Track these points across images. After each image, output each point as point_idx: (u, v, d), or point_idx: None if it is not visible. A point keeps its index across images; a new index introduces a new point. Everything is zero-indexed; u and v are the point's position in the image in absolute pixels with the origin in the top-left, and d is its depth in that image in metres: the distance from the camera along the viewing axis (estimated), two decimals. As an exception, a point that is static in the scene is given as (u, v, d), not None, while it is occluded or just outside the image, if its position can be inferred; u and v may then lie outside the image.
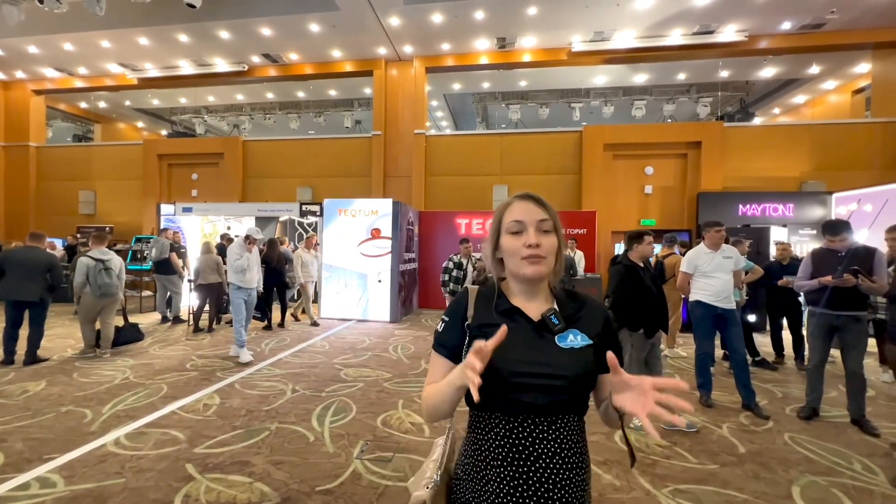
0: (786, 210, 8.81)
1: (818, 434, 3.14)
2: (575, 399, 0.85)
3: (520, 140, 10.34)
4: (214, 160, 11.53)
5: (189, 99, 13.94)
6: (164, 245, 7.12)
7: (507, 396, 0.85)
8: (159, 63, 10.97)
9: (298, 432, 3.03)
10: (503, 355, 0.83)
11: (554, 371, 0.84)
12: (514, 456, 0.83)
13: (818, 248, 3.51)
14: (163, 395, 3.70)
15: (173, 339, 5.91)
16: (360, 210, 7.70)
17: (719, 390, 4.02)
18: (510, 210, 0.92)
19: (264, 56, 10.46)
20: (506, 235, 0.91)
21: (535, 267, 0.87)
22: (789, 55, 9.80)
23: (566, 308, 0.92)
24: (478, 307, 0.94)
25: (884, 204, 7.54)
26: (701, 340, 3.72)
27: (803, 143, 9.29)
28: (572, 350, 0.86)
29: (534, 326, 0.89)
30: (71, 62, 11.02)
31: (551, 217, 0.90)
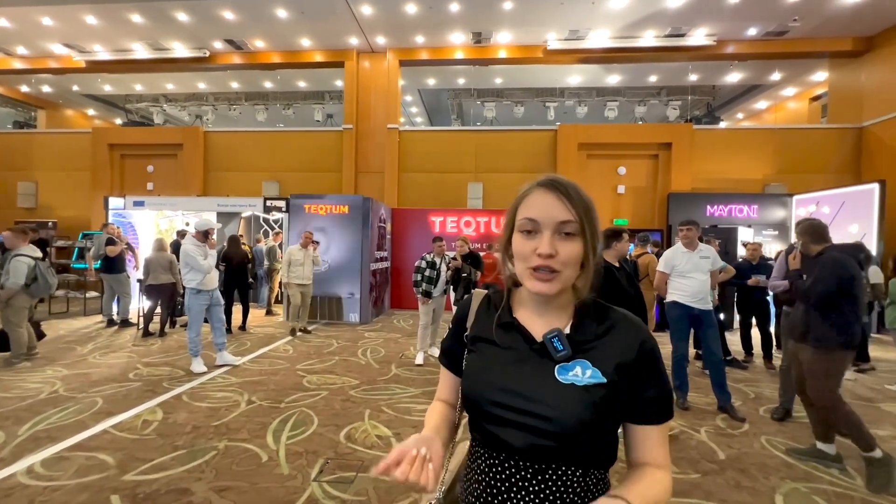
0: (750, 211, 9.07)
1: (793, 436, 3.11)
2: (570, 449, 0.65)
3: (495, 138, 10.20)
4: (172, 151, 10.79)
5: (145, 86, 13.04)
6: (100, 241, 6.54)
7: (485, 427, 0.71)
8: (110, 45, 10.14)
9: (250, 451, 2.71)
10: (486, 379, 0.71)
11: (539, 410, 0.66)
12: (488, 498, 0.69)
13: (791, 250, 3.49)
14: (95, 411, 3.28)
15: (118, 346, 5.39)
16: (330, 206, 7.33)
17: (694, 391, 3.97)
18: (527, 202, 0.71)
19: (227, 42, 9.86)
20: (518, 233, 0.71)
21: (542, 285, 0.67)
22: (753, 61, 10.12)
23: (585, 329, 0.71)
24: (479, 316, 0.80)
25: (840, 206, 7.87)
26: (677, 342, 3.65)
27: (766, 146, 9.61)
28: (572, 387, 0.66)
29: (532, 349, 0.71)
30: (8, 40, 10.03)
31: (579, 216, 0.67)
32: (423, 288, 4.99)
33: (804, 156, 9.47)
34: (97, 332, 6.18)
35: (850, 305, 2.58)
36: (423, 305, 4.97)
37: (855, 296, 2.57)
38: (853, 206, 7.63)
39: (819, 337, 2.59)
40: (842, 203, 7.83)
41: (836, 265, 2.58)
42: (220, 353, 4.53)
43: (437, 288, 5.05)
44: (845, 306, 2.57)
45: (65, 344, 5.41)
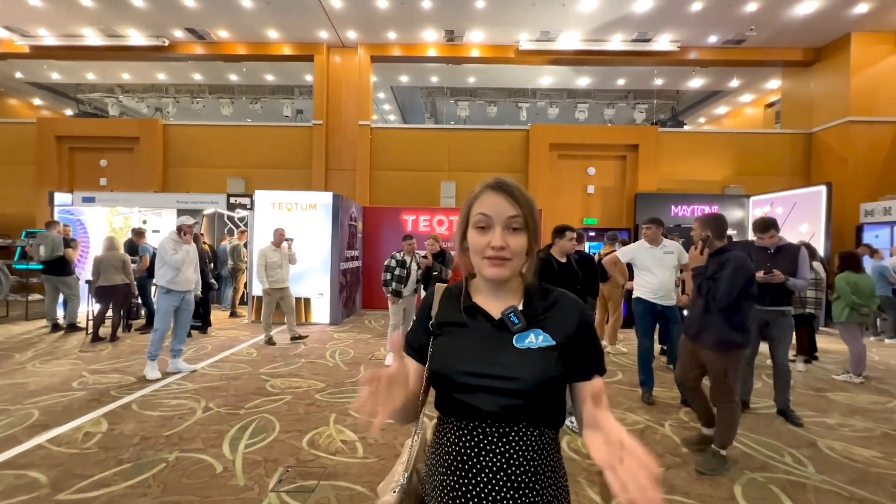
0: (711, 211, 9.44)
1: (750, 427, 3.22)
2: (533, 406, 0.77)
3: (468, 136, 10.19)
4: (128, 145, 10.19)
5: (98, 75, 12.25)
6: (56, 241, 6.07)
7: (457, 399, 0.79)
8: (57, 30, 9.46)
9: (203, 462, 2.55)
10: (456, 355, 0.81)
11: (506, 373, 0.77)
12: (458, 465, 0.78)
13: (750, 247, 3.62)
14: (30, 424, 3.01)
15: (63, 352, 5.00)
16: (297, 203, 7.09)
17: (659, 386, 4.05)
18: (479, 201, 0.82)
19: (188, 31, 9.39)
20: (472, 229, 0.82)
21: (497, 270, 0.79)
22: (714, 68, 10.55)
23: (534, 306, 0.84)
24: (442, 305, 0.90)
25: (792, 207, 8.31)
26: (642, 337, 3.72)
27: (726, 150, 10.05)
28: (529, 351, 0.78)
29: (493, 325, 0.82)
30: (-63, 20, 9.17)
31: (524, 213, 0.80)
32: (392, 287, 4.88)
33: (760, 159, 9.96)
34: (40, 337, 5.72)
35: (749, 304, 2.54)
36: (392, 305, 4.87)
37: (753, 295, 2.54)
38: (803, 207, 8.08)
39: (722, 339, 2.51)
40: (794, 204, 8.28)
41: (738, 264, 2.48)
42: (174, 360, 4.27)
43: (408, 287, 4.96)
44: (744, 305, 2.51)
45: (2, 351, 4.97)
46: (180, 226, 4.17)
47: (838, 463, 2.69)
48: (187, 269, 4.13)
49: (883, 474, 2.56)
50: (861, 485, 2.43)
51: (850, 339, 4.47)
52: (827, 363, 5.15)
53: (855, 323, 4.42)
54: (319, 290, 6.98)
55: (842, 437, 3.07)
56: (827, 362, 5.18)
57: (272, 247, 5.73)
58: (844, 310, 4.42)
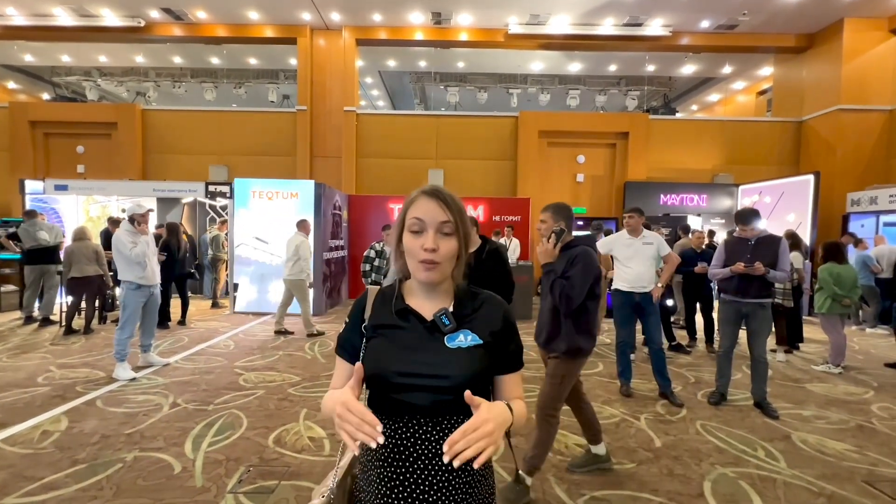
0: (700, 200, 9.41)
1: (726, 420, 3.20)
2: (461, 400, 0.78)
3: (456, 123, 10.00)
4: (106, 131, 9.88)
5: (74, 57, 11.80)
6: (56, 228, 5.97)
7: (392, 398, 0.83)
8: (27, 9, 9.05)
9: (162, 462, 2.46)
10: (390, 356, 0.84)
11: (438, 371, 0.82)
12: (394, 457, 0.82)
13: (730, 237, 3.56)
14: (-14, 423, 2.90)
15: (33, 346, 4.87)
16: (278, 192, 6.92)
17: (639, 378, 4.03)
18: (414, 206, 0.86)
19: (164, 11, 9.02)
20: (407, 233, 0.86)
21: (429, 273, 0.84)
22: (706, 54, 10.39)
23: (464, 307, 0.89)
24: (375, 307, 0.92)
25: (780, 196, 8.28)
26: (619, 328, 3.68)
27: (716, 138, 9.96)
28: (459, 350, 0.84)
29: (426, 327, 0.86)
30: None
31: (454, 218, 0.84)
32: (371, 278, 4.77)
33: (750, 147, 9.89)
34: (11, 330, 5.57)
35: (595, 306, 2.21)
36: (372, 296, 4.76)
37: (598, 296, 2.19)
38: (791, 196, 8.05)
39: (570, 346, 2.16)
40: (781, 193, 8.25)
41: (588, 261, 2.13)
42: (145, 355, 4.15)
43: (388, 279, 4.85)
44: (591, 307, 2.19)
45: (-32, 345, 4.82)
46: (132, 215, 3.96)
47: (810, 457, 2.67)
48: (151, 261, 3.97)
49: (854, 468, 2.54)
50: (831, 479, 2.41)
51: (830, 329, 4.46)
52: (808, 353, 5.17)
53: (836, 314, 4.40)
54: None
55: (816, 430, 3.05)
56: (809, 352, 5.20)
57: (304, 237, 5.63)
58: (826, 301, 4.40)
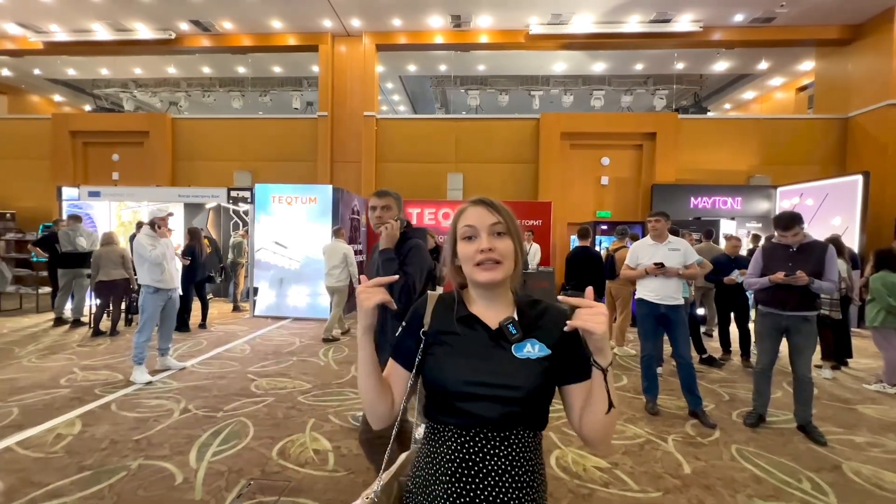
0: (734, 203, 8.90)
1: (765, 444, 2.90)
2: (530, 412, 0.82)
3: (476, 126, 9.87)
4: (139, 139, 10.29)
5: (112, 70, 12.41)
6: (93, 235, 6.21)
7: (458, 407, 0.82)
8: (68, 25, 9.56)
9: (165, 471, 2.43)
10: (454, 364, 0.84)
11: (508, 382, 0.81)
12: (463, 471, 0.80)
13: (769, 243, 3.27)
14: (5, 424, 2.96)
15: (61, 347, 5.03)
16: (297, 197, 6.98)
17: (666, 394, 3.76)
18: (463, 216, 0.89)
19: (193, 23, 9.34)
20: (460, 242, 0.88)
21: (489, 273, 0.84)
22: (740, 49, 9.88)
23: (526, 316, 0.88)
24: (436, 314, 0.92)
25: (824, 198, 7.72)
26: (644, 341, 3.43)
27: (751, 137, 9.42)
28: (528, 360, 0.83)
29: (491, 335, 0.86)
30: (-45, 19, 9.39)
31: (504, 220, 0.87)
32: (386, 284, 4.70)
33: (789, 147, 9.30)
34: (45, 331, 5.80)
35: None
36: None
37: None
38: (836, 199, 7.48)
39: None
40: (825, 195, 7.68)
41: (423, 255, 1.97)
42: (163, 358, 4.20)
43: (402, 284, 4.76)
44: None
45: (4, 345, 5.04)
46: (153, 219, 4.03)
47: (865, 491, 2.37)
48: (170, 265, 4.02)
49: (918, 507, 2.23)
50: (891, 520, 2.12)
51: (884, 344, 4.05)
52: (858, 370, 4.72)
53: (891, 328, 3.99)
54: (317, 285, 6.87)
55: (871, 460, 2.73)
56: (859, 369, 4.75)
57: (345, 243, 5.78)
58: (879, 313, 3.99)
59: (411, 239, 2.04)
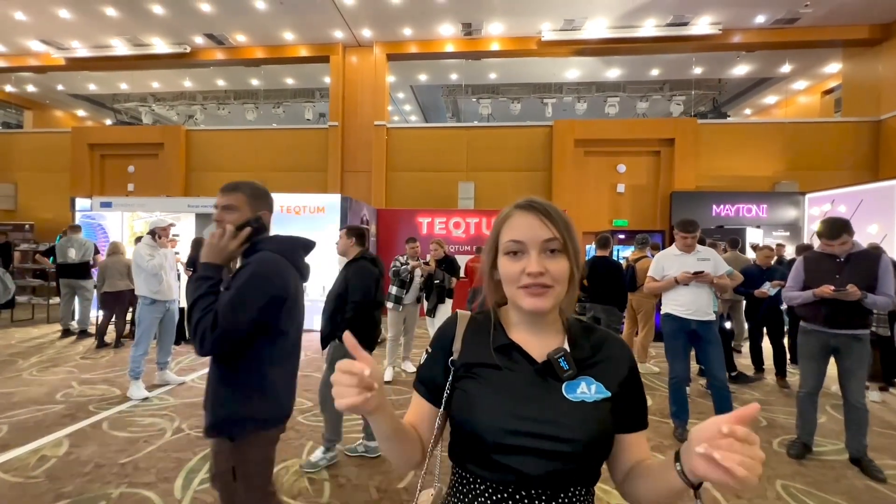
0: (759, 211, 8.48)
1: (815, 480, 2.57)
2: (585, 468, 0.66)
3: (487, 134, 9.72)
4: (153, 151, 10.42)
5: (131, 85, 12.71)
6: (86, 245, 6.16)
7: (495, 460, 0.66)
8: (88, 41, 9.80)
9: (147, 502, 2.23)
10: (492, 406, 0.68)
11: (559, 432, 0.65)
12: None
13: (811, 253, 2.96)
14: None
15: (64, 359, 4.95)
16: (305, 206, 6.88)
17: (697, 417, 3.43)
18: (509, 224, 0.72)
19: (207, 36, 9.47)
20: (503, 257, 0.71)
21: (536, 300, 0.68)
22: (762, 52, 9.54)
23: (580, 347, 0.72)
24: (467, 339, 0.76)
25: (858, 204, 7.27)
26: (672, 361, 3.13)
27: (776, 142, 9.02)
28: (583, 404, 0.67)
29: (537, 370, 0.70)
30: (-17, 37, 9.73)
31: (561, 234, 0.69)
32: (394, 293, 4.50)
33: (817, 152, 8.87)
34: (51, 342, 5.75)
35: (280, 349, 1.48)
36: (392, 314, 4.47)
37: (283, 332, 1.45)
38: (872, 205, 7.03)
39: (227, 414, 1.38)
40: (860, 201, 7.24)
41: (264, 271, 1.32)
42: (161, 372, 4.06)
43: (409, 294, 4.56)
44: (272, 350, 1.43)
45: (9, 356, 4.98)
46: (153, 229, 3.92)
47: (943, 543, 2.03)
48: (169, 276, 3.89)
49: None
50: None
51: (941, 365, 3.65)
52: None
53: (948, 346, 3.60)
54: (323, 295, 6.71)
55: (942, 502, 2.37)
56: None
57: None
58: (934, 330, 3.61)
59: (257, 252, 1.38)
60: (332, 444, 2.65)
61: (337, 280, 2.71)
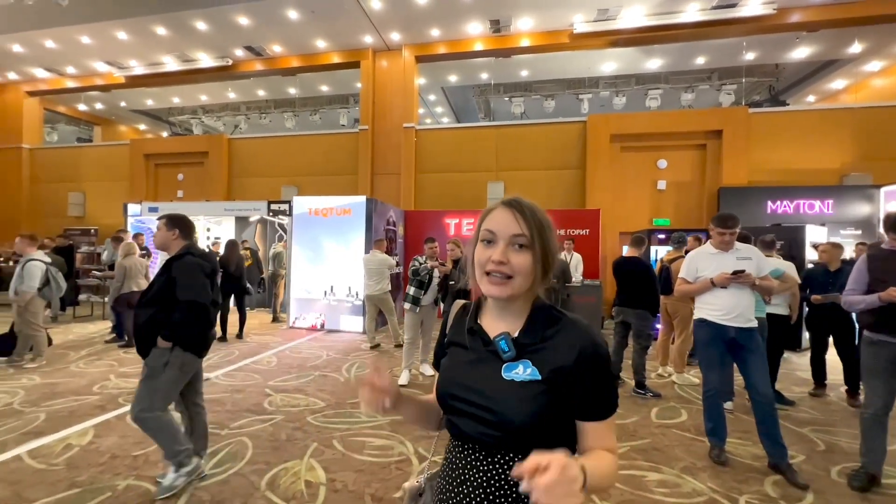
0: (824, 207, 7.62)
1: (883, 519, 2.17)
2: (517, 439, 0.74)
3: (517, 132, 9.46)
4: (199, 159, 11.09)
5: (182, 98, 13.64)
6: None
7: (449, 418, 0.83)
8: (143, 59, 10.61)
9: (149, 495, 2.26)
10: (451, 376, 0.84)
11: (487, 403, 0.76)
12: (447, 474, 0.82)
13: (877, 251, 2.53)
14: (27, 430, 3.02)
15: (109, 353, 5.30)
16: (332, 209, 6.98)
17: (738, 437, 3.06)
18: (489, 217, 0.83)
19: (247, 49, 9.95)
20: (479, 243, 0.82)
21: (495, 288, 0.78)
22: (826, 31, 8.57)
23: (533, 333, 0.79)
24: (455, 322, 0.90)
25: (947, 198, 6.32)
26: (707, 372, 2.79)
27: (844, 130, 8.07)
28: (512, 383, 0.75)
29: (488, 350, 0.81)
30: (57, 61, 10.81)
31: (531, 232, 0.77)
32: (412, 294, 4.42)
33: (895, 140, 7.83)
34: (101, 337, 6.19)
35: None
36: (409, 316, 4.39)
37: None
38: (966, 198, 6.08)
39: None
40: (949, 194, 6.28)
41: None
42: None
43: (427, 296, 4.45)
44: None
45: (62, 350, 5.40)
46: None
47: None
48: None
49: None
50: None
51: None
52: None
53: None
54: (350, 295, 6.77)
55: None
56: None
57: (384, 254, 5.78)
58: None
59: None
60: (180, 457, 2.28)
61: (156, 278, 2.36)
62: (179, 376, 2.37)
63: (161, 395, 2.31)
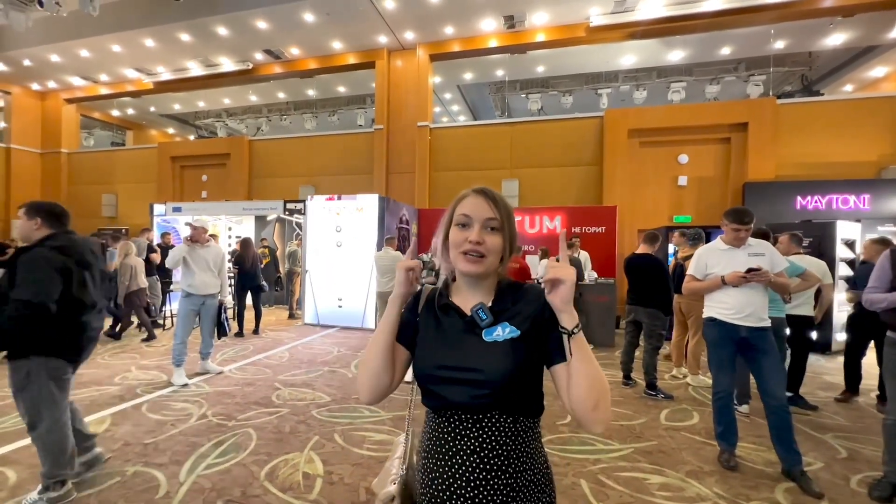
0: (860, 202, 7.19)
1: (904, 533, 2.02)
2: (503, 396, 0.81)
3: (532, 129, 9.34)
4: (222, 161, 11.46)
5: (206, 102, 14.11)
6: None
7: (432, 391, 0.86)
8: (170, 65, 11.03)
9: (154, 482, 2.35)
10: (430, 349, 0.89)
11: (473, 365, 0.82)
12: (435, 450, 0.85)
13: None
14: (50, 417, 3.18)
15: (133, 346, 5.55)
16: (345, 207, 7.08)
17: (751, 441, 2.92)
18: (462, 203, 0.91)
19: (266, 52, 10.19)
20: (454, 228, 0.90)
21: (471, 265, 0.86)
22: (862, 15, 8.07)
23: (503, 301, 0.90)
24: (427, 300, 0.96)
25: None
26: (717, 373, 2.68)
27: (883, 121, 7.59)
28: (495, 344, 0.84)
29: (465, 321, 0.88)
30: (91, 69, 11.37)
31: (500, 216, 0.88)
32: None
33: (941, 129, 7.31)
34: (130, 330, 6.47)
35: None
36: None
37: None
38: None
39: None
40: None
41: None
42: (203, 362, 4.36)
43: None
44: None
45: (92, 342, 5.67)
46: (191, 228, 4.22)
47: None
48: (203, 273, 4.16)
49: None
50: None
51: None
52: None
53: None
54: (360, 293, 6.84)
55: None
56: None
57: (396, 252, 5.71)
58: None
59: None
60: (54, 480, 2.11)
61: (4, 275, 2.04)
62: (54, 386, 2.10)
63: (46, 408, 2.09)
